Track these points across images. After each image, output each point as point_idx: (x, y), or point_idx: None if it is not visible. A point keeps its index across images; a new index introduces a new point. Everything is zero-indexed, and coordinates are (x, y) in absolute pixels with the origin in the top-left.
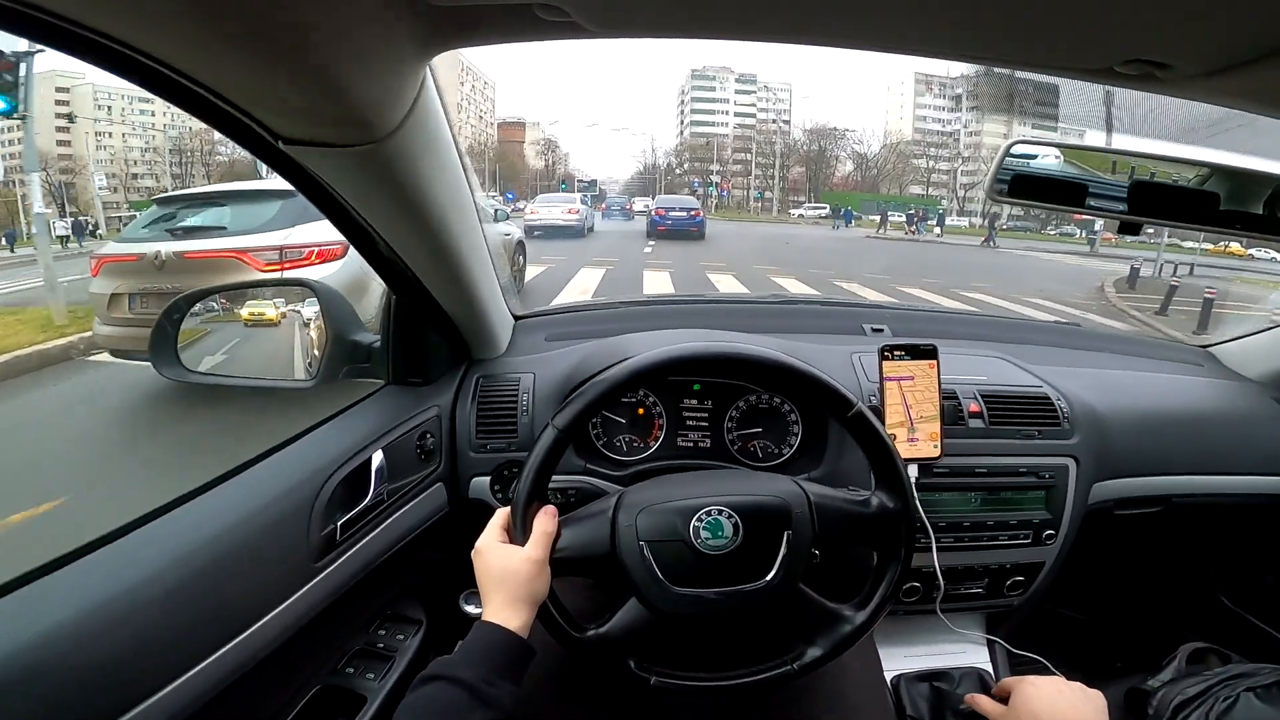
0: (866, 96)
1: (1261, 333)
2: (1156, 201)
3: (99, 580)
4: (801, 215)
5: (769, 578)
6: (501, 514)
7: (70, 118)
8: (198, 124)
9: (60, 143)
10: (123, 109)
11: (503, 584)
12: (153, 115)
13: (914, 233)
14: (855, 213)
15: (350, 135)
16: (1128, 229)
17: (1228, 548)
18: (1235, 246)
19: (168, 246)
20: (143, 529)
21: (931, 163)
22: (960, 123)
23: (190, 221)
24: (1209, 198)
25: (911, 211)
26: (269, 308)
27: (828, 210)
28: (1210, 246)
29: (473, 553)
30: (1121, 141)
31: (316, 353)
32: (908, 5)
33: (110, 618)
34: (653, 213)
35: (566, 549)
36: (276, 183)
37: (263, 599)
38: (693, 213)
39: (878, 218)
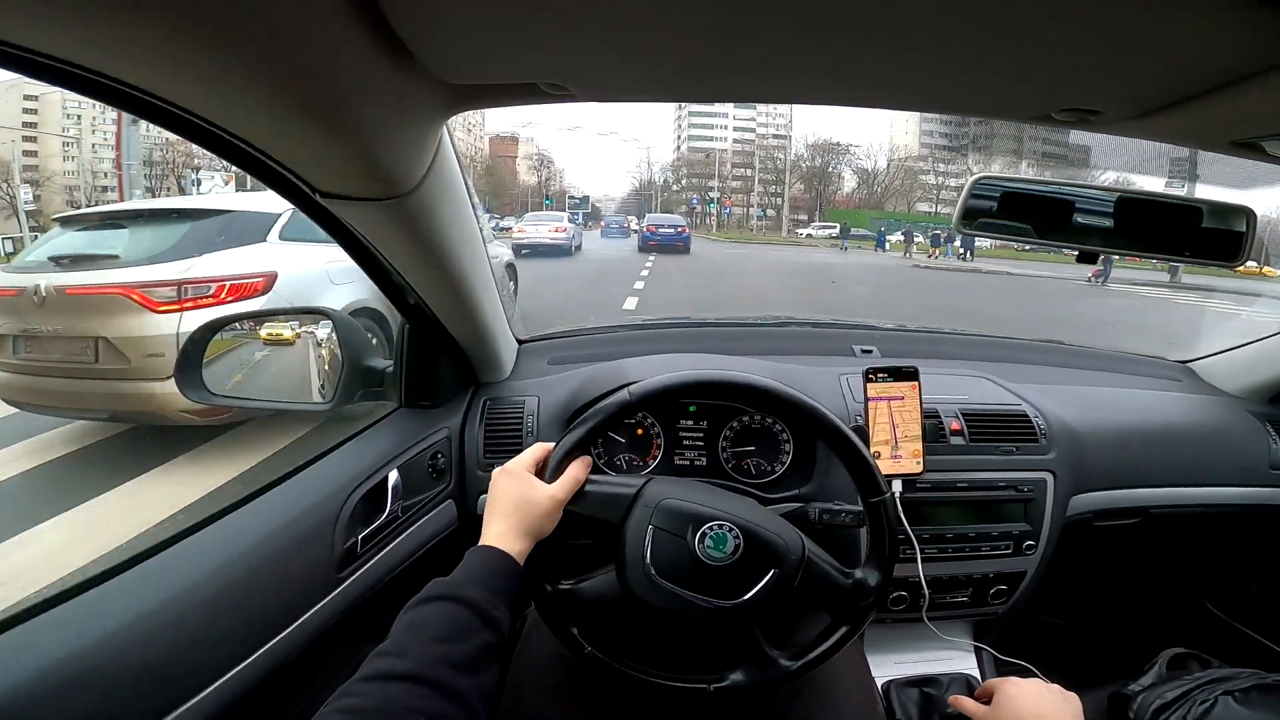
0: (869, 111)
1: (1239, 348)
2: (1141, 219)
3: (150, 587)
4: (810, 235)
5: (739, 600)
6: (537, 448)
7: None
8: (174, 135)
9: (27, 153)
10: (94, 118)
11: (518, 510)
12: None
13: (937, 255)
14: (879, 232)
15: (380, 190)
16: (1086, 257)
17: (1211, 556)
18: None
19: (50, 279)
20: (185, 541)
21: (941, 179)
22: (969, 137)
23: (79, 248)
24: (1193, 212)
25: (937, 231)
26: (285, 330)
27: (837, 230)
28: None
29: (498, 470)
30: (1084, 177)
31: (327, 369)
32: (866, 66)
33: (159, 623)
34: (644, 229)
35: (583, 504)
36: (192, 201)
37: (293, 605)
38: (679, 229)
39: (900, 237)
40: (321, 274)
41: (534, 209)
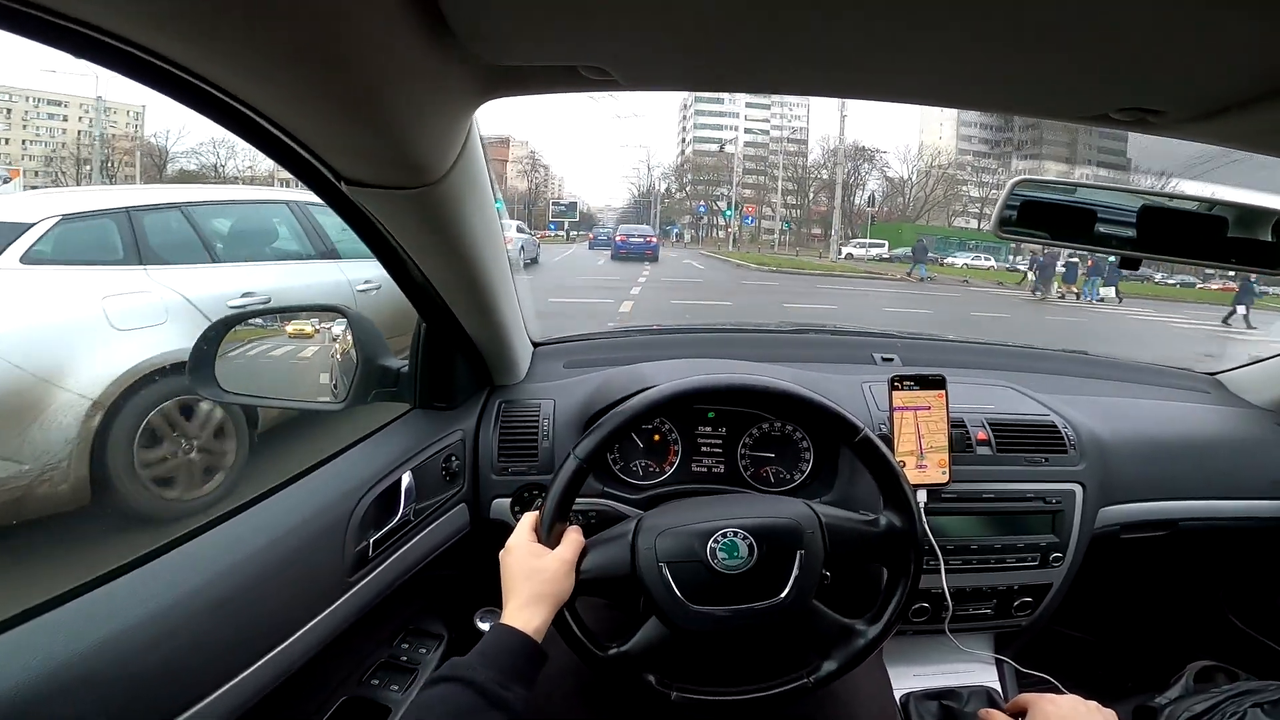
0: (897, 112)
1: (1269, 359)
2: (1164, 228)
3: (155, 589)
4: (850, 255)
5: (783, 595)
6: (531, 516)
7: None
8: (116, 130)
9: None
10: (25, 111)
11: (529, 579)
12: (64, 120)
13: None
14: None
15: (408, 178)
16: (1128, 264)
17: (1236, 569)
18: None
19: None
20: (193, 542)
21: (986, 190)
22: (1013, 142)
23: None
24: (1217, 222)
25: (1073, 259)
26: (308, 325)
27: (885, 249)
28: None
29: (502, 551)
30: (1126, 180)
31: (340, 367)
32: (919, 60)
33: (165, 626)
34: (615, 239)
35: (590, 570)
36: None
37: (302, 610)
38: (647, 239)
39: (967, 259)
40: (90, 320)
41: (519, 217)
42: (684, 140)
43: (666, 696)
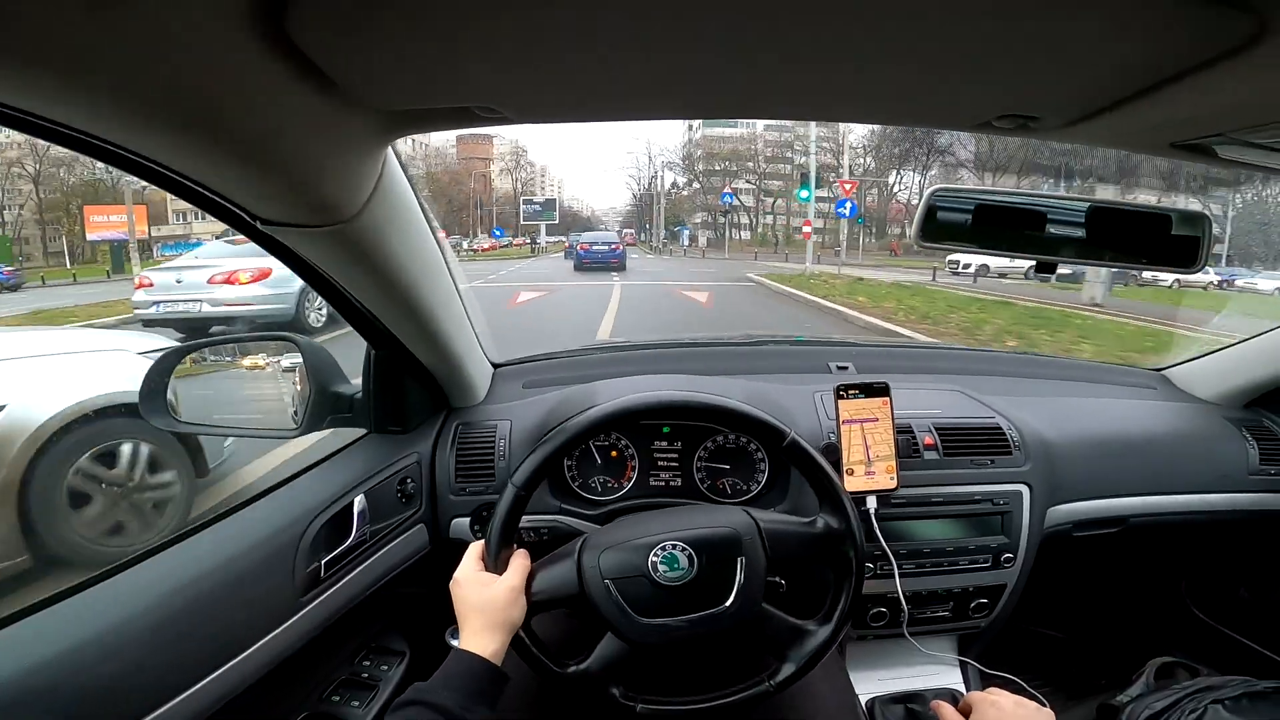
0: None
1: (1212, 354)
2: (1113, 228)
3: (100, 610)
4: (964, 267)
5: (728, 603)
6: (477, 546)
7: None
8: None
9: None
10: None
11: (481, 610)
12: None
13: None
14: None
15: (321, 217)
16: (1044, 268)
17: (1196, 562)
18: None
19: None
20: (133, 569)
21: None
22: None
23: None
24: (1162, 220)
25: None
26: (260, 359)
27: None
28: None
29: (451, 583)
30: (1042, 186)
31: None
32: (800, 79)
33: (110, 645)
34: (577, 248)
35: (541, 591)
36: None
37: (249, 631)
38: (613, 246)
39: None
40: None
41: (500, 225)
42: (690, 126)
43: (632, 709)
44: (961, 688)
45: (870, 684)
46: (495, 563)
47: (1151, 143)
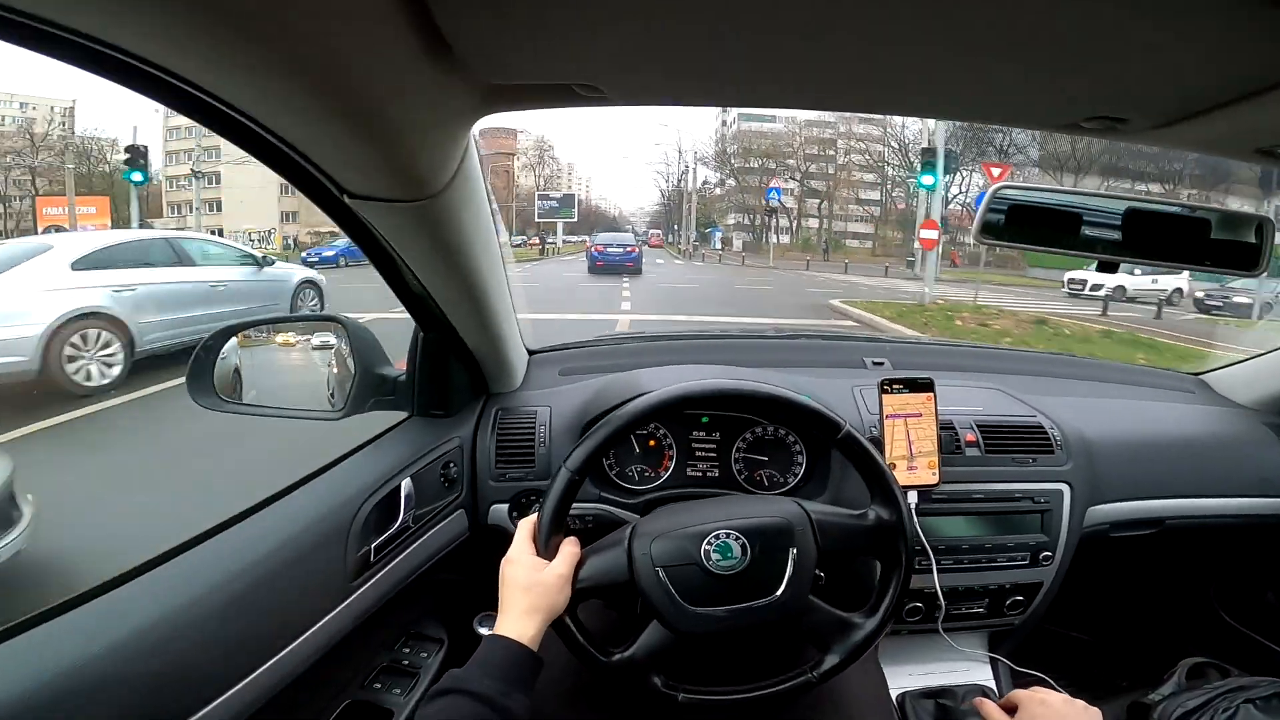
0: None
1: (1251, 359)
2: (1149, 230)
3: (162, 594)
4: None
5: (779, 593)
6: (529, 524)
7: None
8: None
9: None
10: None
11: (528, 592)
12: None
13: None
14: None
15: (408, 191)
16: (1106, 267)
17: (1226, 565)
18: None
19: None
20: (197, 548)
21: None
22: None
23: None
24: (1200, 224)
25: None
26: (291, 336)
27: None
28: None
29: (504, 561)
30: (1107, 187)
31: (337, 376)
32: (894, 72)
33: (173, 629)
34: (591, 249)
35: (588, 578)
36: None
37: (307, 614)
38: (628, 249)
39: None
40: None
41: (520, 220)
42: (724, 120)
43: (673, 698)
44: (992, 684)
45: (901, 678)
46: (545, 548)
47: (1237, 148)
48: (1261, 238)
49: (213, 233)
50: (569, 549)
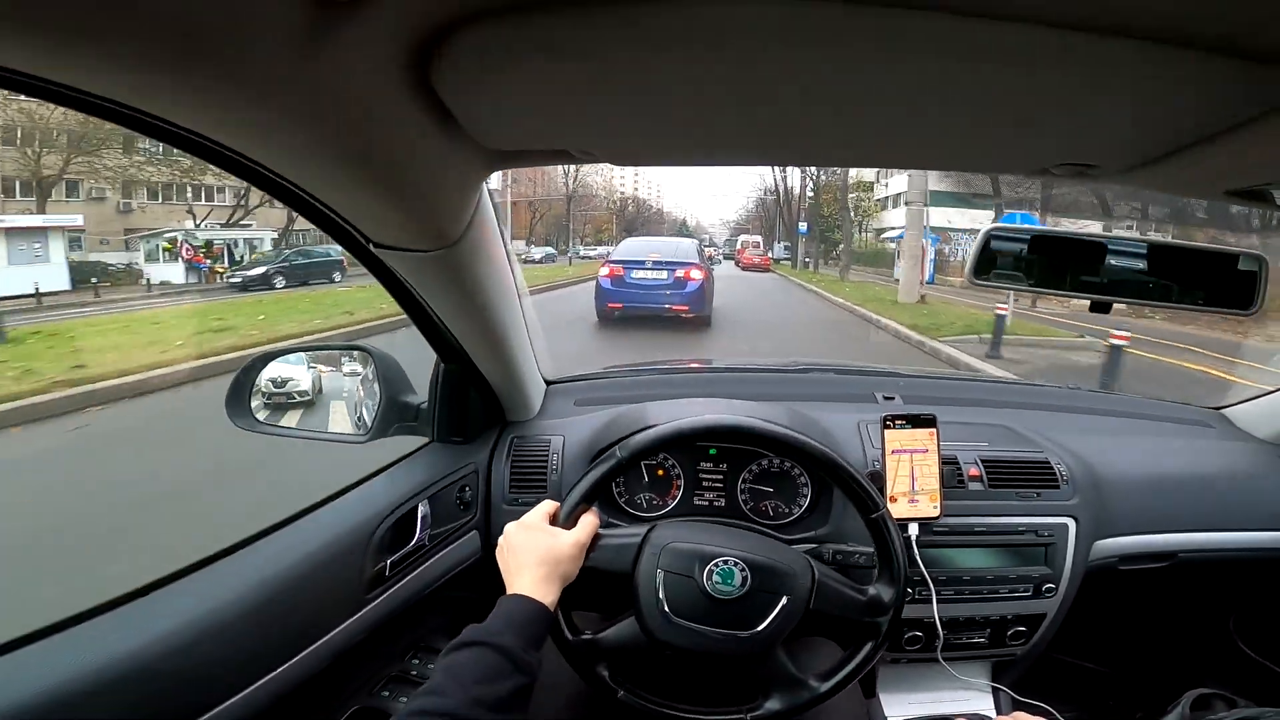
0: None
1: (1272, 393)
2: (1175, 264)
3: (191, 600)
4: None
5: (757, 630)
6: (547, 504)
7: None
8: None
9: None
10: None
11: (544, 562)
12: None
13: None
14: None
15: (426, 242)
16: (1099, 308)
17: (1246, 597)
18: None
19: None
20: (227, 559)
21: None
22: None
23: None
24: (1224, 259)
25: None
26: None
27: None
28: None
29: (513, 525)
30: (1095, 228)
31: (358, 405)
32: (871, 128)
33: (201, 631)
34: (604, 275)
35: (595, 561)
36: None
37: (323, 621)
38: (675, 271)
39: None
40: None
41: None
42: None
43: (614, 692)
44: (993, 714)
45: (901, 706)
46: (567, 518)
47: (1207, 189)
48: (1256, 276)
49: None
50: (590, 518)
